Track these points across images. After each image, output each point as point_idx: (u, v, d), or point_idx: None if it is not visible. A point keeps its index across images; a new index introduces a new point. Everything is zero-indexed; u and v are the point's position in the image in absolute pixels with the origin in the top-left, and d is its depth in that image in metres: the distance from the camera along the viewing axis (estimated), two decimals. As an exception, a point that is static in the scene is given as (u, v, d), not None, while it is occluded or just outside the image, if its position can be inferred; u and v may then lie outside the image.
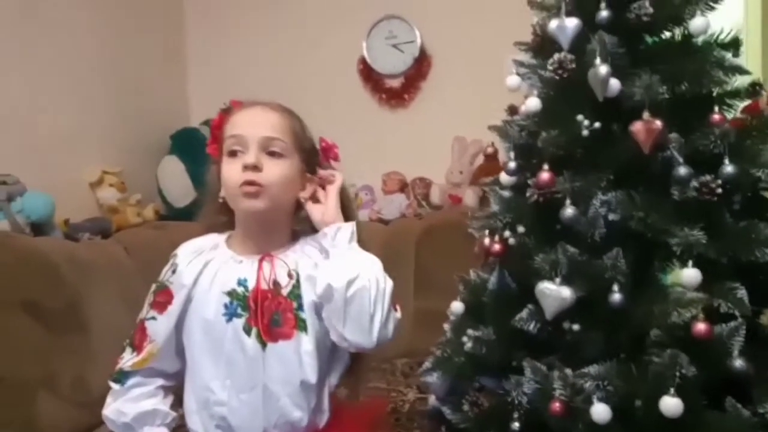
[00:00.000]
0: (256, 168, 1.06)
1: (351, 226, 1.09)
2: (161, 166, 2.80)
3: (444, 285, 1.56)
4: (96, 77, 2.61)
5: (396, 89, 3.04)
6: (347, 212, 1.14)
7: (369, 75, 3.05)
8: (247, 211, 1.09)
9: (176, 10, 3.20)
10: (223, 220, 1.15)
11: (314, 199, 1.13)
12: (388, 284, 1.05)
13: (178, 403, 1.16)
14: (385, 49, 3.02)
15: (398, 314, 1.08)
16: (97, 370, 1.97)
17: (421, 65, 3.00)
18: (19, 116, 2.26)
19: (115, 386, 1.12)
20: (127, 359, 1.12)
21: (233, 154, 1.08)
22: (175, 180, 2.72)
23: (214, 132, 1.13)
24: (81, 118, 2.51)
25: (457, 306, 1.44)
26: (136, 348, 1.12)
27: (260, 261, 1.10)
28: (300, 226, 1.17)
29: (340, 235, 1.08)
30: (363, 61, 3.05)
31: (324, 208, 1.11)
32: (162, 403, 1.13)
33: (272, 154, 1.08)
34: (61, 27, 2.48)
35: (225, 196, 1.10)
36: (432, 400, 1.46)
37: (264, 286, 1.09)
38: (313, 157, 1.15)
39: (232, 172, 1.07)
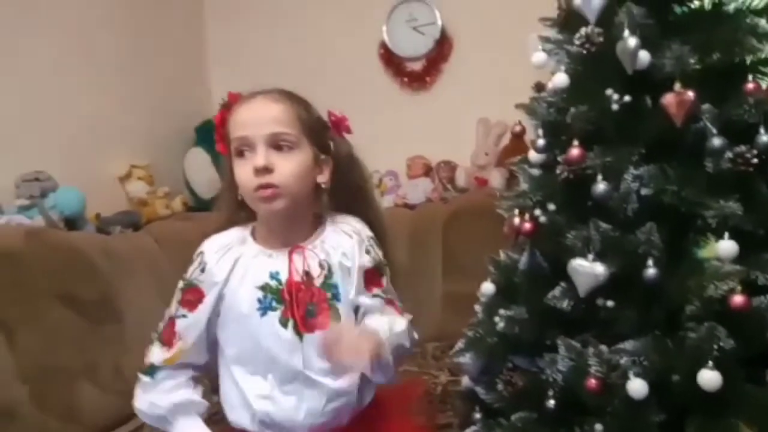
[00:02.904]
0: (266, 170, 1.03)
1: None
2: (187, 158, 2.83)
3: (472, 268, 1.55)
4: (119, 73, 2.64)
5: (417, 72, 3.02)
6: (364, 191, 1.14)
7: (390, 59, 3.03)
8: (268, 214, 1.09)
9: (197, 4, 3.21)
10: (244, 215, 1.13)
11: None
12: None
13: (210, 392, 1.17)
14: (406, 32, 3.00)
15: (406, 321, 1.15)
16: (132, 360, 2.01)
17: (442, 47, 2.98)
18: (48, 114, 2.30)
19: (145, 378, 1.12)
20: (158, 354, 1.12)
21: (241, 154, 1.06)
22: (201, 172, 2.75)
23: (218, 131, 1.10)
24: (107, 114, 2.55)
25: (487, 287, 1.43)
26: (166, 343, 1.12)
27: (290, 253, 1.10)
28: (322, 209, 1.15)
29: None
30: (384, 45, 3.03)
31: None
32: (195, 394, 1.13)
33: (281, 148, 1.05)
34: (84, 23, 2.51)
35: (243, 196, 1.09)
36: (465, 380, 1.46)
37: (297, 277, 1.08)
38: (324, 135, 1.12)
39: (243, 175, 1.05)
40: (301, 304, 1.08)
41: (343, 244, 1.12)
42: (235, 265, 1.09)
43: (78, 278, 1.99)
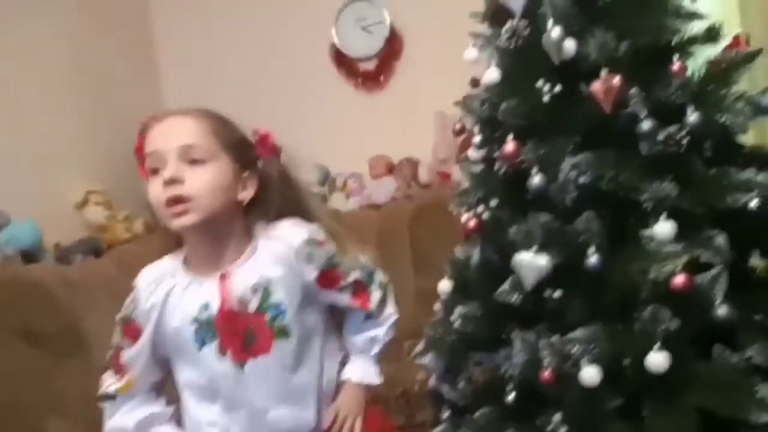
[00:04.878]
0: (175, 181, 1.01)
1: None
2: (147, 178, 2.79)
3: (442, 264, 1.55)
4: (66, 100, 2.60)
5: (371, 72, 3.02)
6: (302, 207, 1.11)
7: (342, 61, 3.02)
8: (180, 230, 1.06)
9: (142, 17, 3.17)
10: (176, 238, 1.12)
11: None
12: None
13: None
14: (355, 32, 2.99)
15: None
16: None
17: (393, 45, 2.98)
18: (-4, 146, 2.26)
19: (105, 405, 1.14)
20: (110, 383, 1.13)
21: (155, 172, 1.04)
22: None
23: (138, 156, 1.08)
24: (58, 141, 2.51)
25: (445, 284, 1.43)
26: (117, 372, 1.13)
27: (220, 280, 1.07)
28: (252, 224, 1.12)
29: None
30: (334, 47, 3.02)
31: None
32: (157, 405, 1.14)
33: (194, 162, 1.03)
34: (28, 48, 2.46)
35: (157, 217, 1.07)
36: (431, 380, 1.46)
37: (229, 305, 1.06)
38: (248, 152, 1.10)
39: (155, 191, 1.03)
40: (238, 332, 1.06)
41: (280, 257, 1.09)
42: (167, 298, 1.08)
43: (37, 311, 1.96)
